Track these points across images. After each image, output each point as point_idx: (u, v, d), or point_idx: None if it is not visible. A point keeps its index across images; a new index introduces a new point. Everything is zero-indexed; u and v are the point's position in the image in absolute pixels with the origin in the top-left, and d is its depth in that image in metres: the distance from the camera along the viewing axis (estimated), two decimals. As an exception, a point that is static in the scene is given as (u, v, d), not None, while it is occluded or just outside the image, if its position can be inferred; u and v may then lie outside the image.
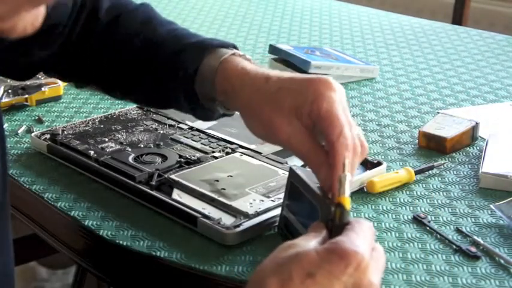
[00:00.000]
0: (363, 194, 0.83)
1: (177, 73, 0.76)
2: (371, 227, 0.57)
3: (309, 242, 0.55)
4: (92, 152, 0.86)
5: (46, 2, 0.40)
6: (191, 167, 0.84)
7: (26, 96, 1.07)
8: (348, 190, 0.58)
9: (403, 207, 0.80)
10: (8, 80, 1.08)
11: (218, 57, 0.74)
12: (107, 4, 0.83)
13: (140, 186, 0.80)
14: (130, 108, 1.02)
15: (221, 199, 0.77)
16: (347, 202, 0.57)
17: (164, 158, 0.86)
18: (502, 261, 0.70)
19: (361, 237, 0.54)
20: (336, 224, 0.57)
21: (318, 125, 0.65)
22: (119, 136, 0.92)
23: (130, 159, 0.85)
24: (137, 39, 0.80)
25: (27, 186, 0.84)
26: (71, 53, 0.84)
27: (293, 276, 0.51)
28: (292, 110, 0.66)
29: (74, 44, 0.83)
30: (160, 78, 0.78)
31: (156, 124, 0.97)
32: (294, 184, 0.71)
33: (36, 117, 1.03)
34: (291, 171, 0.72)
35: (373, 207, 0.80)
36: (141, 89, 0.83)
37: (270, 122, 0.67)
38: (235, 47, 0.77)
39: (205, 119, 0.81)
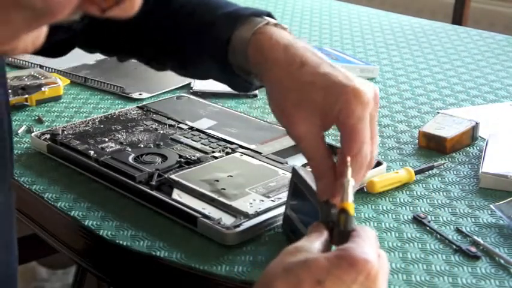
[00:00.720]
0: (363, 194, 0.83)
1: (210, 44, 0.75)
2: (374, 234, 0.56)
3: (313, 244, 0.55)
4: (92, 152, 0.86)
5: (46, 23, 0.39)
6: (191, 167, 0.84)
7: (26, 96, 1.07)
8: (351, 196, 0.57)
9: (403, 207, 0.80)
10: (8, 80, 1.08)
11: (251, 27, 0.71)
12: None
13: (140, 186, 0.80)
14: (130, 108, 1.02)
15: (221, 199, 0.77)
16: (351, 208, 0.57)
17: (164, 158, 0.86)
18: (502, 261, 0.70)
19: (368, 244, 0.53)
20: (341, 230, 0.57)
21: (341, 133, 0.64)
22: (119, 136, 0.92)
23: (130, 159, 0.85)
24: (168, 8, 0.79)
25: (27, 186, 0.84)
26: (104, 26, 0.83)
27: (302, 282, 0.50)
28: (318, 108, 0.64)
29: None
30: (194, 49, 0.77)
31: (156, 124, 0.97)
32: (297, 184, 0.71)
33: (36, 117, 1.03)
34: (294, 171, 0.72)
35: (373, 207, 0.80)
36: (176, 61, 0.82)
37: (291, 112, 0.65)
38: (270, 15, 0.74)
39: (243, 90, 0.79)
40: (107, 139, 0.91)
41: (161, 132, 0.94)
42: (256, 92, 1.14)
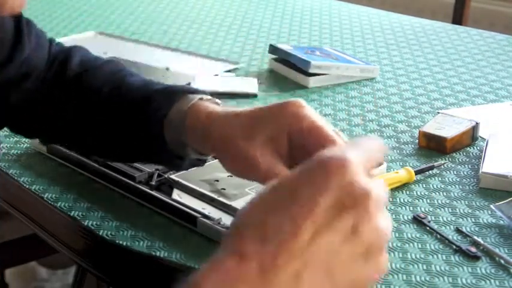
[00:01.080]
0: (363, 194, 0.82)
1: (145, 120, 0.74)
2: (375, 141, 0.48)
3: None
4: (92, 152, 0.86)
5: None
6: (191, 167, 0.84)
7: (26, 96, 1.06)
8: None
9: (403, 207, 0.80)
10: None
11: (187, 101, 0.72)
12: (78, 58, 0.82)
13: (140, 186, 0.80)
14: (130, 108, 1.02)
15: (221, 199, 0.77)
16: None
17: (164, 158, 0.86)
18: (502, 261, 0.70)
19: (351, 147, 0.45)
20: None
21: (305, 143, 0.64)
22: (119, 136, 0.92)
23: (130, 159, 0.85)
24: (105, 88, 0.78)
25: (27, 186, 0.84)
26: (39, 105, 0.81)
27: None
28: (269, 139, 0.66)
29: (44, 95, 0.81)
30: (128, 126, 0.76)
31: (156, 124, 0.97)
32: None
33: (36, 117, 1.03)
34: None
35: (373, 207, 0.80)
36: (108, 141, 0.79)
37: (246, 155, 0.66)
38: (204, 93, 0.75)
39: (175, 167, 0.78)
40: (107, 139, 0.91)
41: (161, 132, 0.94)
42: (256, 91, 1.14)
